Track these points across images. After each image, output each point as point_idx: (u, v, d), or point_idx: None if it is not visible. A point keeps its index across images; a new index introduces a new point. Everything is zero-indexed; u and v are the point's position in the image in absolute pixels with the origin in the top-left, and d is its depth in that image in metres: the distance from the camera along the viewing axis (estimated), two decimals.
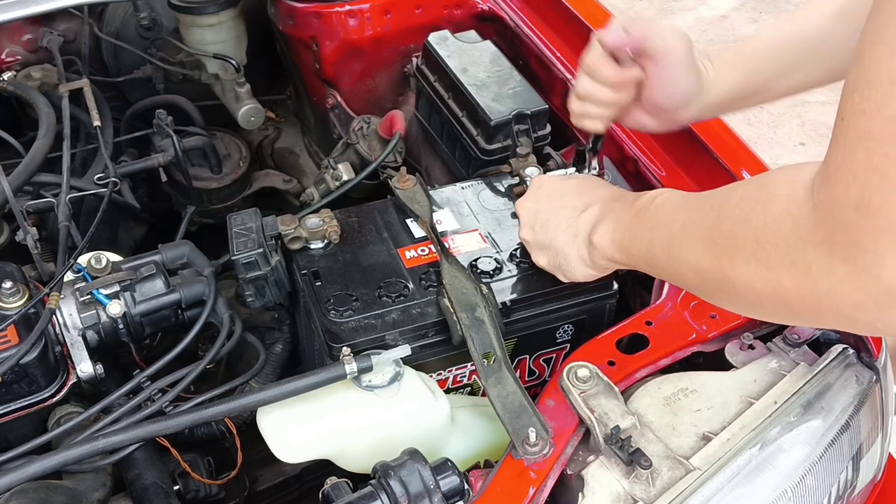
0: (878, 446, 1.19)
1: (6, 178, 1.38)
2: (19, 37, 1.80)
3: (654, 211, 0.99)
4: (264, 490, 1.43)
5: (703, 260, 0.86)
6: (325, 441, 1.10)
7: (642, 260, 1.00)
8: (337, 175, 1.66)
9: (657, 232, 0.96)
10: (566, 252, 1.13)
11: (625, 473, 0.99)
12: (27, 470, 0.99)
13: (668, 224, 0.94)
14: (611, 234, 1.05)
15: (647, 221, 0.99)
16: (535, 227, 1.17)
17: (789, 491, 1.03)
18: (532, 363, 1.30)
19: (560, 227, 1.13)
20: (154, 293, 1.22)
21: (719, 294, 0.87)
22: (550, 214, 1.15)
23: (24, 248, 1.34)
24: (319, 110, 1.89)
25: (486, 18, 1.74)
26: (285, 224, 1.27)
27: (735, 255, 0.80)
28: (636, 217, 1.01)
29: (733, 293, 0.83)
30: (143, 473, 1.14)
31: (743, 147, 1.36)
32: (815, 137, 3.70)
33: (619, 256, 1.05)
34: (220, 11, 1.72)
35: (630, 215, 1.02)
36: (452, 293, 1.17)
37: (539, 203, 1.18)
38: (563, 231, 1.13)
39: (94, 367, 1.16)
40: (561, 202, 1.15)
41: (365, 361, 1.08)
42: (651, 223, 0.98)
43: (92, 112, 1.57)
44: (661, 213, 0.97)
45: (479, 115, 1.45)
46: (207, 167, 1.77)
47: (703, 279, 0.88)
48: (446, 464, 0.99)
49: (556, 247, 1.14)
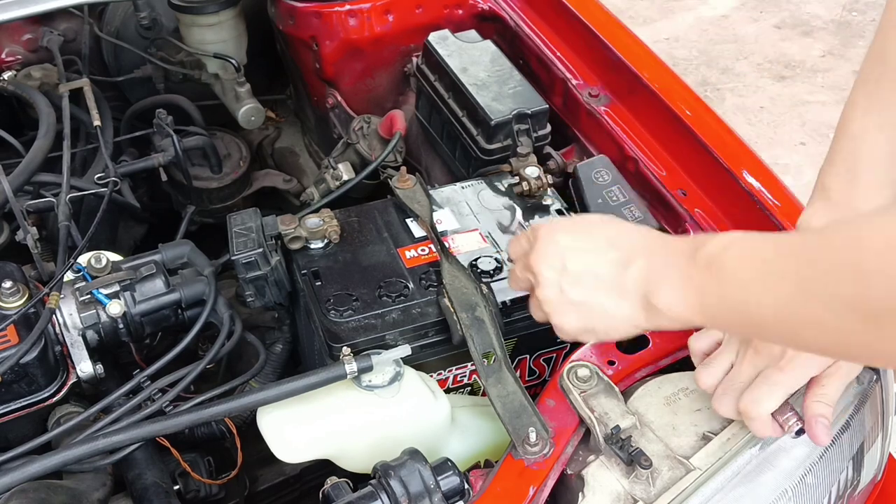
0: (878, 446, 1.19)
1: (6, 178, 1.38)
2: (19, 36, 1.80)
3: (737, 265, 0.83)
4: (264, 490, 1.43)
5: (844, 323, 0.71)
6: (325, 441, 1.10)
7: (738, 322, 0.86)
8: (337, 175, 1.66)
9: (757, 291, 0.80)
10: (611, 313, 0.95)
11: (625, 473, 0.99)
12: (27, 470, 0.99)
13: (775, 281, 0.78)
14: (680, 296, 0.88)
15: (733, 280, 0.83)
16: (564, 285, 0.98)
17: (789, 491, 1.03)
18: (532, 363, 1.30)
19: (601, 285, 0.95)
20: (154, 293, 1.22)
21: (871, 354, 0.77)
22: (582, 269, 0.97)
23: (24, 248, 1.34)
24: (319, 110, 1.89)
25: (486, 18, 1.74)
26: (285, 224, 1.27)
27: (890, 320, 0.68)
28: (710, 273, 0.85)
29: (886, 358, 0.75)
30: (144, 473, 1.14)
31: (743, 147, 1.36)
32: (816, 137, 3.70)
33: (698, 320, 0.88)
34: (220, 11, 1.72)
35: (700, 272, 0.86)
36: (452, 293, 1.17)
37: (563, 256, 0.99)
38: (606, 289, 0.95)
39: (94, 367, 1.16)
40: (592, 254, 0.97)
41: (365, 361, 1.08)
42: (739, 281, 0.82)
43: (92, 112, 1.57)
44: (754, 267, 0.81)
45: (479, 114, 1.45)
46: (207, 167, 1.77)
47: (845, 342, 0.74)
48: (446, 464, 0.99)
49: (595, 307, 0.96)
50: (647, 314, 0.92)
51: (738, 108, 3.87)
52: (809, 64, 4.12)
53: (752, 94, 3.95)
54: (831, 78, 4.03)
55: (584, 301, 0.97)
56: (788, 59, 4.15)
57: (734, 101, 3.92)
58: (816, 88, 3.97)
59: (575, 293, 0.97)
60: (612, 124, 1.44)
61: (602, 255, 0.96)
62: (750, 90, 3.98)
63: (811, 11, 4.44)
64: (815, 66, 4.11)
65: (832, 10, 4.44)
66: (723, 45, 4.23)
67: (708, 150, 1.33)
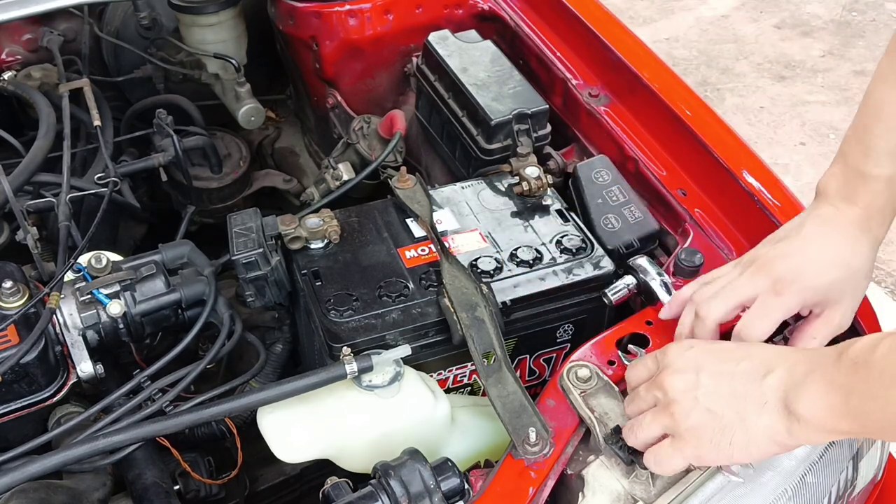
0: (878, 446, 1.19)
1: (6, 178, 1.38)
2: (19, 36, 1.80)
3: (885, 363, 0.80)
4: (264, 490, 1.43)
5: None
6: (325, 441, 1.10)
7: (887, 423, 0.81)
8: (337, 175, 1.66)
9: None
10: (750, 426, 0.89)
11: (625, 473, 0.99)
12: (27, 470, 0.99)
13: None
14: (826, 401, 0.83)
15: (882, 377, 0.80)
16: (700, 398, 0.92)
17: (789, 490, 1.03)
18: (532, 363, 1.30)
19: (740, 395, 0.90)
20: (154, 293, 1.22)
21: None
22: (718, 381, 0.92)
23: (24, 248, 1.34)
24: (319, 110, 1.89)
25: (486, 18, 1.74)
26: (285, 224, 1.27)
27: None
28: (857, 374, 0.82)
29: None
30: (144, 473, 1.14)
31: (743, 147, 1.36)
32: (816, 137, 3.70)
33: (845, 426, 0.84)
34: (220, 11, 1.72)
35: (845, 374, 0.83)
36: (452, 293, 1.17)
37: (697, 371, 0.94)
38: (744, 398, 0.89)
39: (94, 367, 1.16)
40: (727, 365, 0.93)
41: (365, 361, 1.08)
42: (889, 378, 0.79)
43: (92, 112, 1.57)
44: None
45: (479, 114, 1.45)
46: (207, 167, 1.77)
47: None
48: (446, 464, 0.99)
49: (733, 420, 0.90)
50: (789, 424, 0.87)
51: (738, 108, 3.87)
52: (809, 64, 4.12)
53: (752, 94, 3.96)
54: (831, 78, 4.04)
55: (721, 413, 0.90)
56: (788, 59, 4.15)
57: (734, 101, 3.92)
58: (816, 88, 3.97)
59: (712, 404, 0.91)
60: (612, 124, 1.44)
61: (737, 366, 0.92)
62: (750, 90, 3.98)
63: (811, 11, 4.44)
64: (815, 66, 4.11)
65: (832, 10, 4.44)
66: (723, 45, 4.23)
67: (708, 150, 1.33)
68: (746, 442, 0.89)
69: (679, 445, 0.93)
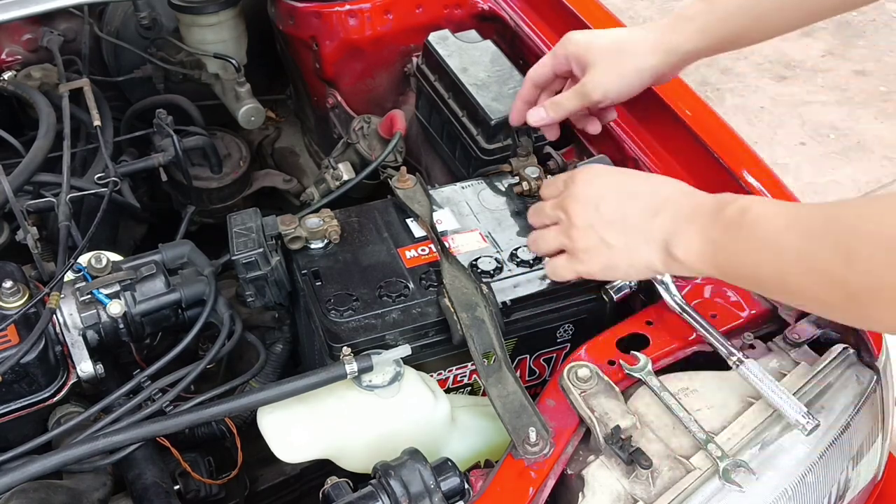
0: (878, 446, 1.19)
1: (6, 178, 1.38)
2: (19, 36, 1.80)
3: (752, 229, 0.91)
4: (265, 490, 1.43)
5: (830, 297, 0.82)
6: (325, 441, 1.10)
7: (744, 280, 0.96)
8: (337, 175, 1.66)
9: (763, 256, 0.89)
10: (634, 255, 1.04)
11: (625, 473, 0.99)
12: (27, 470, 0.99)
13: (778, 251, 0.88)
14: (698, 250, 0.97)
15: (746, 242, 0.91)
16: (596, 225, 1.07)
17: (789, 490, 1.03)
18: (532, 363, 1.30)
19: (630, 229, 1.04)
20: (154, 293, 1.22)
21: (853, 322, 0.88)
22: (616, 210, 1.06)
23: (24, 248, 1.34)
24: (319, 110, 1.89)
25: (486, 18, 1.74)
26: (285, 224, 1.27)
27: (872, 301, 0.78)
28: (727, 233, 0.94)
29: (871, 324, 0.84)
30: (144, 473, 1.14)
31: (743, 147, 1.36)
32: (816, 137, 3.70)
33: (710, 272, 0.98)
34: (220, 11, 1.72)
35: (718, 230, 0.95)
36: (453, 293, 1.17)
37: (598, 200, 1.07)
38: (634, 233, 1.04)
39: (94, 367, 1.16)
40: (626, 200, 1.06)
41: (365, 361, 1.08)
42: (752, 244, 0.91)
43: (92, 112, 1.57)
44: (763, 235, 0.89)
45: (479, 114, 1.45)
46: (207, 167, 1.77)
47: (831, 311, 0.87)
48: (446, 464, 0.99)
49: (621, 248, 1.05)
50: (665, 259, 1.01)
51: (738, 108, 3.87)
52: (809, 64, 4.12)
53: (752, 94, 3.96)
54: (831, 78, 4.04)
55: (612, 242, 1.05)
56: (788, 59, 4.15)
57: (734, 101, 3.93)
58: (816, 88, 3.98)
59: (605, 233, 1.06)
60: (611, 124, 1.44)
61: (634, 203, 1.05)
62: (750, 90, 3.98)
63: None
64: (815, 66, 4.11)
65: None
66: None
67: (708, 150, 1.33)
68: (628, 267, 1.06)
69: (573, 262, 1.10)
